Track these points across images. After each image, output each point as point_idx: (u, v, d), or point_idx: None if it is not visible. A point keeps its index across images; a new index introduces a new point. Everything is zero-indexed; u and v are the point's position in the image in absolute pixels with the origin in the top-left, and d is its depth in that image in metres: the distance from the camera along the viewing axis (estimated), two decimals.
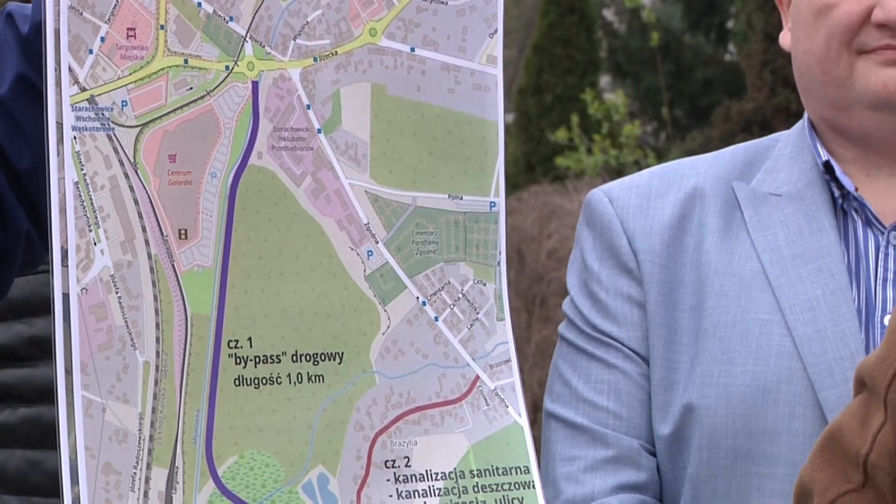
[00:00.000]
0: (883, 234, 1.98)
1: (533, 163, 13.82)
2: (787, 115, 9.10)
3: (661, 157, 10.37)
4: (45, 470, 2.46)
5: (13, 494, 2.49)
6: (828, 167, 2.06)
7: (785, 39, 2.17)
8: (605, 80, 14.97)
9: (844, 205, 2.15)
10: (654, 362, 2.06)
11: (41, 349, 1.61)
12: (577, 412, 2.06)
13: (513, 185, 12.08)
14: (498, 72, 1.51)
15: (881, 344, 1.58)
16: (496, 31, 1.51)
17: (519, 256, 9.22)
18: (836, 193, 2.16)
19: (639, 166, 9.62)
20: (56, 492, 1.45)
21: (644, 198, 2.12)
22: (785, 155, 2.10)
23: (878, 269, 1.95)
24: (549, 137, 12.62)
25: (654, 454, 2.05)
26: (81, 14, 1.39)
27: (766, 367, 2.02)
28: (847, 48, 2.00)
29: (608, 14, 15.58)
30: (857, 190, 2.09)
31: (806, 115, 2.19)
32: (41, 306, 1.58)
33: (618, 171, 9.76)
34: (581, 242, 2.13)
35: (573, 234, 2.28)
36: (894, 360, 1.52)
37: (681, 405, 2.01)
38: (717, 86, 13.39)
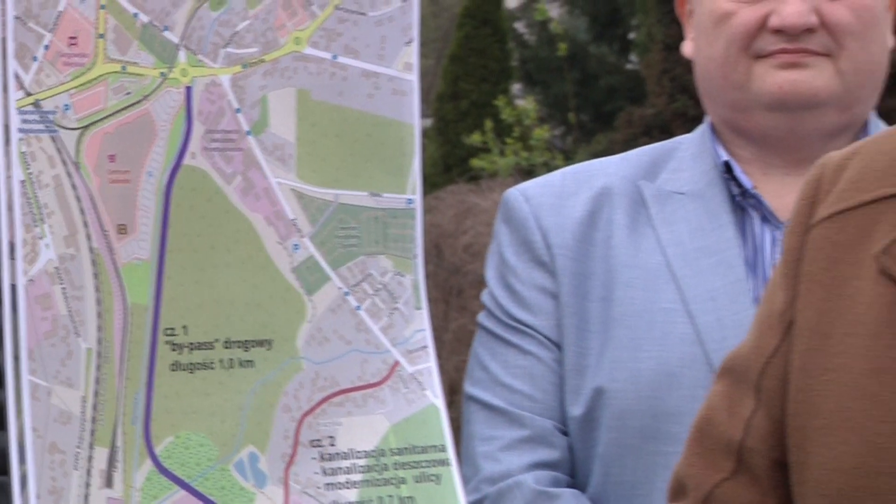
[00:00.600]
0: (779, 228, 2.00)
1: (450, 164, 13.80)
2: (684, 119, 9.23)
3: (569, 160, 10.56)
4: None
5: None
6: (727, 167, 2.10)
7: (687, 48, 2.20)
8: (516, 87, 14.97)
9: (743, 202, 2.12)
10: (566, 349, 2.11)
11: None
12: (495, 395, 2.11)
13: (431, 185, 12.02)
14: (414, 78, 1.53)
15: (750, 333, 1.59)
16: (412, 41, 1.53)
17: (437, 251, 9.37)
18: (735, 191, 2.13)
19: (548, 167, 9.83)
20: (5, 470, 1.43)
21: (557, 196, 2.15)
22: (687, 156, 2.16)
23: (774, 261, 1.99)
24: (464, 141, 12.59)
25: (566, 434, 2.10)
26: (26, 24, 1.40)
27: (671, 353, 2.05)
28: (745, 53, 2.06)
29: (519, 26, 15.56)
30: (754, 188, 2.11)
31: (707, 119, 2.21)
32: None
33: (528, 172, 9.79)
34: (499, 238, 2.17)
35: (488, 230, 2.37)
36: (766, 347, 1.57)
37: (591, 388, 2.07)
38: (619, 93, 13.40)
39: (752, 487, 1.54)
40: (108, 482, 1.43)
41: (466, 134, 12.71)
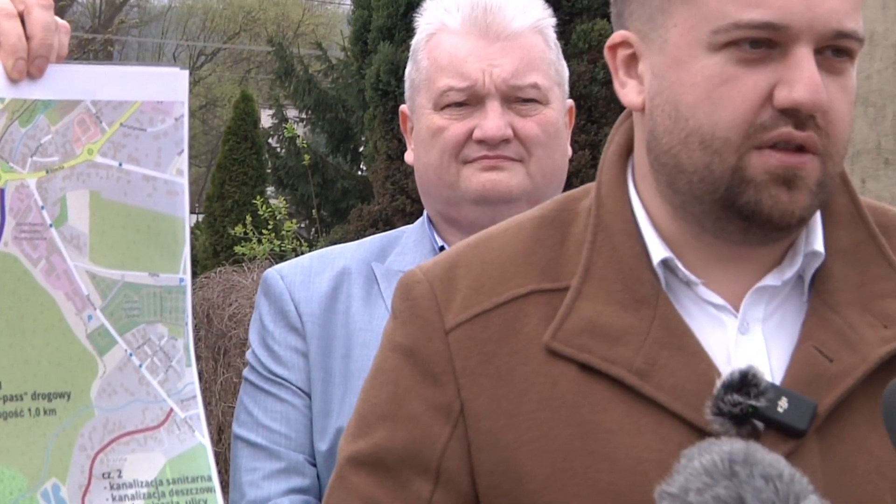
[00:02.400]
0: None
1: (218, 251, 14.52)
2: (403, 214, 9.56)
3: (312, 246, 10.87)
4: None
5: None
6: (442, 248, 2.24)
7: (409, 156, 2.31)
8: (270, 189, 15.45)
9: None
10: (314, 397, 2.25)
11: None
12: (257, 435, 2.25)
13: (202, 268, 12.60)
14: (184, 181, 1.60)
15: (387, 429, 1.58)
16: (182, 151, 1.60)
17: (208, 319, 9.71)
18: None
19: (296, 253, 10.33)
20: None
21: (306, 275, 2.29)
22: (410, 242, 2.32)
23: None
24: (230, 231, 13.18)
25: (314, 465, 2.23)
26: None
27: None
28: (455, 159, 2.20)
29: (272, 141, 16.12)
30: None
31: (425, 213, 2.33)
32: None
33: (280, 257, 10.23)
34: (259, 308, 2.29)
35: (249, 303, 2.55)
36: (437, 436, 1.57)
37: (335, 428, 2.20)
38: (352, 193, 13.88)
39: None
40: None
41: (231, 226, 13.33)
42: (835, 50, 1.47)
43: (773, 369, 1.50)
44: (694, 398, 1.45)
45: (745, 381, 1.43)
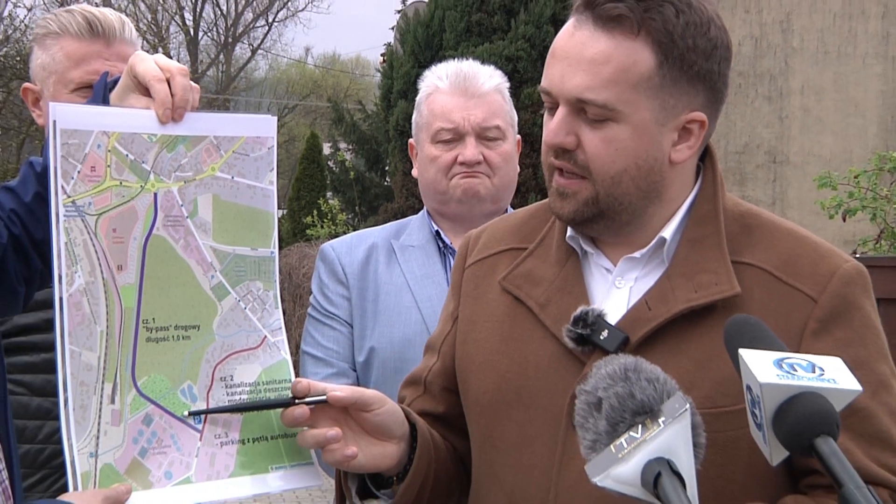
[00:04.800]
0: None
1: (295, 232, 15.92)
2: (413, 210, 9.99)
3: (356, 230, 11.54)
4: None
5: (37, 396, 2.53)
6: (438, 233, 2.39)
7: (415, 172, 2.45)
8: (329, 193, 16.67)
9: (445, 250, 2.40)
10: (354, 326, 2.40)
11: (49, 323, 1.70)
12: (318, 350, 2.41)
13: (285, 244, 13.37)
14: (274, 188, 1.66)
15: (438, 325, 1.87)
16: (273, 169, 1.66)
17: (289, 277, 10.79)
18: (441, 245, 2.39)
19: (345, 233, 11.13)
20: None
21: (349, 247, 2.41)
22: (415, 227, 2.48)
23: None
24: (303, 220, 14.64)
25: (355, 371, 2.40)
26: (68, 160, 1.53)
27: (409, 329, 2.35)
28: (445, 175, 2.36)
29: (330, 163, 17.50)
30: (451, 243, 2.39)
31: (425, 208, 2.46)
32: (49, 303, 1.66)
33: (335, 236, 10.88)
34: (318, 269, 2.40)
35: (314, 266, 2.78)
36: (444, 331, 1.82)
37: (368, 347, 2.37)
38: (381, 196, 15.04)
39: (431, 400, 1.76)
40: (112, 400, 1.55)
41: (304, 217, 15.07)
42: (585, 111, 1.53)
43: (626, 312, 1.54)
44: (565, 325, 1.55)
45: (583, 316, 1.55)
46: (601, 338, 1.52)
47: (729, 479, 1.49)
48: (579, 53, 1.51)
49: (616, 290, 1.61)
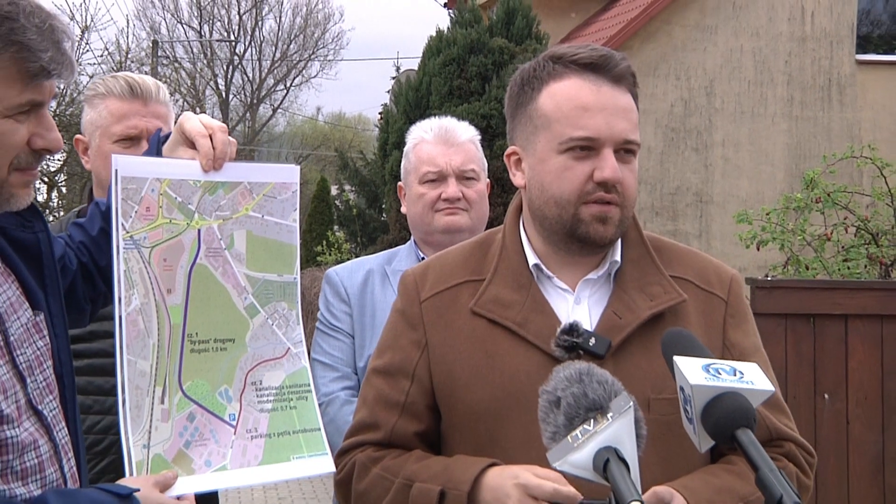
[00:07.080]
0: None
1: (307, 259, 15.73)
2: (404, 241, 10.84)
3: (350, 257, 11.36)
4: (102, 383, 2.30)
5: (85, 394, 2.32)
6: (422, 258, 2.31)
7: (404, 208, 2.47)
8: (336, 227, 16.19)
9: None
10: (356, 337, 2.37)
11: (109, 334, 1.73)
12: (325, 357, 2.36)
13: (301, 268, 13.99)
14: (296, 225, 1.65)
15: (387, 356, 1.73)
16: (296, 209, 1.65)
17: (303, 297, 10.24)
18: None
19: (346, 259, 11.15)
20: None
21: (350, 272, 2.38)
22: (404, 255, 2.46)
23: None
24: (315, 249, 14.72)
25: (356, 374, 2.34)
26: (127, 202, 1.52)
27: None
28: (431, 210, 2.42)
29: (337, 202, 16.70)
30: None
31: (412, 238, 2.43)
32: (110, 317, 1.65)
33: (340, 262, 11.67)
34: (324, 290, 2.36)
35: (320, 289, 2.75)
36: (411, 358, 1.69)
37: (367, 355, 2.31)
38: (378, 229, 14.53)
39: (414, 420, 1.65)
40: (162, 401, 1.54)
41: (315, 246, 15.10)
42: (625, 150, 1.54)
43: (592, 323, 1.58)
44: (546, 338, 1.53)
45: (573, 328, 1.53)
46: (591, 344, 1.51)
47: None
48: (615, 105, 1.55)
49: (576, 307, 1.60)
